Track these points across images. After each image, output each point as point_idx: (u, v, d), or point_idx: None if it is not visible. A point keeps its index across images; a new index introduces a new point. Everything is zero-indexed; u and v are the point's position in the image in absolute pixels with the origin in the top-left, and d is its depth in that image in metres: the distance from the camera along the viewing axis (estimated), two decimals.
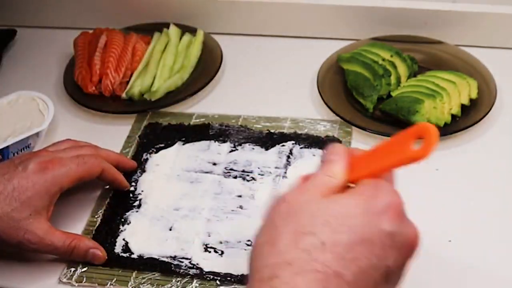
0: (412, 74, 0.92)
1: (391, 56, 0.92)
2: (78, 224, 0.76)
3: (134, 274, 0.70)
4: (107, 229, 0.75)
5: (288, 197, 0.49)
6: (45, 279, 0.71)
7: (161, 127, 0.89)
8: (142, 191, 0.80)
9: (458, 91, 0.86)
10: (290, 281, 0.44)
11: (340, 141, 0.84)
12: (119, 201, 0.78)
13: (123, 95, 0.93)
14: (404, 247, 0.48)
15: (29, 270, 0.72)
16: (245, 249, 0.72)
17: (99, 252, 0.71)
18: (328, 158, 0.53)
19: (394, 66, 0.91)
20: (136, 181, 0.81)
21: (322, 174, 0.51)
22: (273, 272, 0.45)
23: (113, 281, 0.70)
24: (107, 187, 0.80)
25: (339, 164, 0.52)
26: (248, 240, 0.72)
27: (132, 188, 0.80)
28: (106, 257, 0.72)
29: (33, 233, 0.68)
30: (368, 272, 0.45)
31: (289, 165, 0.81)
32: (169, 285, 0.69)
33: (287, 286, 0.44)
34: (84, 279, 0.70)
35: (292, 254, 0.45)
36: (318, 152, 0.83)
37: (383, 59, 0.92)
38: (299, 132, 0.86)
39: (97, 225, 0.76)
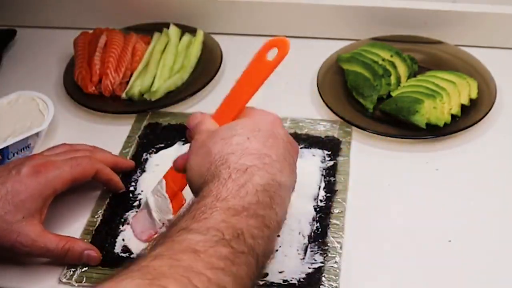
0: (412, 74, 0.92)
1: (391, 56, 0.92)
2: (77, 224, 0.76)
3: None
4: (107, 229, 0.75)
5: (197, 136, 0.63)
6: (45, 279, 0.71)
7: (161, 127, 0.89)
8: (142, 191, 0.80)
9: (458, 91, 0.86)
10: (238, 162, 0.56)
11: (340, 141, 0.84)
12: (119, 201, 0.78)
13: (123, 95, 0.93)
14: (294, 144, 0.63)
15: (29, 270, 0.72)
16: None
17: (94, 253, 0.71)
18: (194, 123, 0.66)
19: (394, 66, 0.91)
20: (136, 181, 0.81)
21: (200, 127, 0.65)
22: (221, 161, 0.57)
23: None
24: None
25: (207, 118, 0.66)
26: None
27: (132, 188, 0.80)
28: (101, 258, 0.71)
29: (26, 236, 0.68)
30: (283, 154, 0.59)
31: None
32: None
33: (237, 165, 0.56)
34: (84, 279, 0.70)
35: (229, 149, 0.58)
36: (318, 152, 0.83)
37: (383, 59, 0.92)
38: (299, 132, 0.86)
39: (97, 225, 0.76)
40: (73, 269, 0.71)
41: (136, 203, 0.78)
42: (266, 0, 1.02)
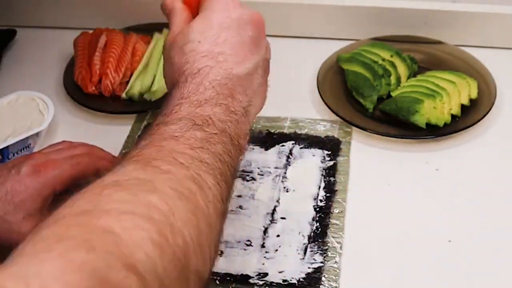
0: (412, 74, 0.92)
1: (391, 56, 0.92)
2: None
3: None
4: None
5: (167, 39, 0.66)
6: None
7: None
8: None
9: (458, 91, 0.86)
10: (192, 67, 0.60)
11: (340, 141, 0.84)
12: None
13: (123, 95, 0.93)
14: (252, 22, 0.63)
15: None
16: (245, 249, 0.72)
17: None
18: (167, 9, 0.71)
19: (394, 66, 0.91)
20: None
21: (171, 26, 0.67)
22: (178, 68, 0.61)
23: None
24: None
25: (176, 13, 0.68)
26: (248, 240, 0.72)
27: None
28: None
29: (26, 236, 0.67)
30: (238, 44, 0.62)
31: (289, 165, 0.81)
32: None
33: (190, 70, 0.60)
34: None
35: (183, 58, 0.61)
36: (318, 152, 0.83)
37: (383, 59, 0.92)
38: (299, 132, 0.86)
39: None
40: None
41: None
42: (267, 0, 1.01)
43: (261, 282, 0.68)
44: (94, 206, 0.45)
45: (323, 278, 0.68)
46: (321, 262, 0.70)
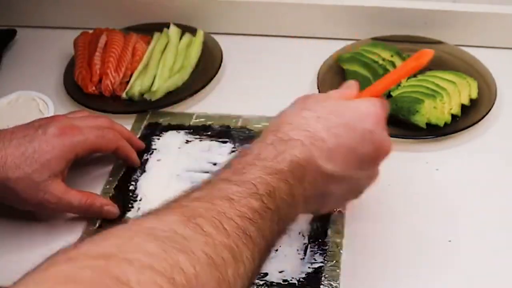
0: (412, 74, 0.92)
1: (391, 56, 0.92)
2: (78, 224, 0.76)
3: None
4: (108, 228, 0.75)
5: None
6: None
7: (161, 127, 0.89)
8: (142, 191, 0.80)
9: (458, 91, 0.86)
10: (287, 133, 0.59)
11: None
12: (119, 201, 0.78)
13: (123, 95, 0.93)
14: (378, 147, 0.62)
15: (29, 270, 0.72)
16: None
17: (113, 208, 0.75)
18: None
19: (394, 66, 0.91)
20: (136, 181, 0.81)
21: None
22: (278, 127, 0.60)
23: None
24: (108, 186, 0.80)
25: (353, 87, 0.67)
26: None
27: (132, 188, 0.80)
28: (119, 213, 0.75)
29: (52, 194, 0.71)
30: (345, 149, 0.60)
31: None
32: None
33: (284, 135, 0.59)
34: None
35: (293, 118, 0.61)
36: None
37: (383, 59, 0.92)
38: None
39: (97, 225, 0.76)
40: None
41: (136, 203, 0.78)
42: (266, 0, 1.02)
43: (261, 282, 0.68)
44: (118, 250, 0.43)
45: (323, 278, 0.68)
46: (321, 262, 0.70)
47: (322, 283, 0.68)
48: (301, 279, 0.68)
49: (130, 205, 0.78)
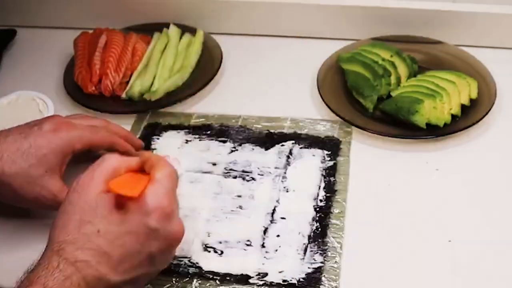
0: (412, 74, 0.92)
1: (391, 56, 0.92)
2: None
3: None
4: None
5: (79, 188, 0.61)
6: None
7: (161, 127, 0.89)
8: None
9: (458, 91, 0.86)
10: (72, 253, 0.57)
11: (340, 141, 0.84)
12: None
13: (123, 95, 0.93)
14: (167, 239, 0.61)
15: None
16: (245, 249, 0.72)
17: None
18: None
19: (394, 66, 0.91)
20: None
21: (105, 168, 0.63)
22: (61, 246, 0.58)
23: None
24: None
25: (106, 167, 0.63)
26: (248, 240, 0.72)
27: None
28: None
29: (48, 190, 0.71)
30: (133, 255, 0.59)
31: (289, 165, 0.81)
32: (169, 285, 0.69)
33: (70, 256, 0.57)
34: None
35: (75, 236, 0.58)
36: (317, 152, 0.82)
37: (383, 59, 0.92)
38: (299, 132, 0.86)
39: None
40: None
41: None
42: (266, 0, 1.02)
43: (261, 282, 0.68)
44: None
45: (323, 278, 0.68)
46: (321, 262, 0.70)
47: (322, 283, 0.68)
48: (300, 279, 0.68)
49: None
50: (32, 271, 0.57)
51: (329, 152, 0.82)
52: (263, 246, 0.72)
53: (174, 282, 0.69)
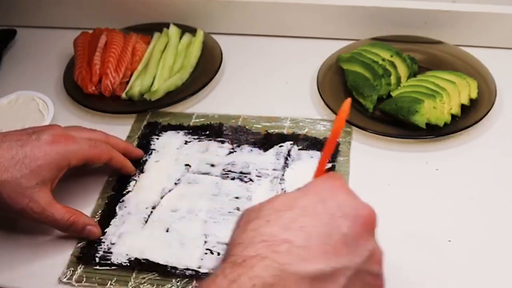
0: (412, 74, 0.92)
1: (391, 56, 0.92)
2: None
3: (134, 274, 0.70)
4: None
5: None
6: (45, 279, 0.71)
7: (160, 126, 0.89)
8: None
9: (458, 91, 0.86)
10: (239, 254, 0.48)
11: (338, 143, 0.84)
12: (117, 202, 0.78)
13: (123, 95, 0.93)
14: (355, 218, 0.51)
15: (29, 270, 0.72)
16: None
17: (95, 229, 0.73)
18: None
19: (394, 66, 0.91)
20: (135, 181, 0.81)
21: None
22: (227, 254, 0.50)
23: (113, 281, 0.70)
24: (107, 186, 0.80)
25: None
26: None
27: (130, 189, 0.80)
28: (101, 234, 0.74)
29: (36, 203, 0.69)
30: (319, 238, 0.49)
31: (287, 167, 0.81)
32: (169, 285, 0.69)
33: (236, 258, 0.48)
34: (84, 279, 0.70)
35: (241, 236, 0.50)
36: (316, 154, 0.82)
37: (383, 59, 0.92)
38: (298, 132, 0.85)
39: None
40: (73, 269, 0.71)
41: None
42: (266, 0, 1.02)
43: None
44: None
45: None
46: None
47: None
48: None
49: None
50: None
51: None
52: None
53: (174, 282, 0.69)
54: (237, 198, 0.77)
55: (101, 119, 0.91)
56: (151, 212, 0.77)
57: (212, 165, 0.82)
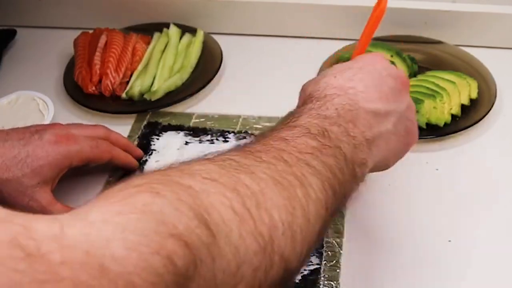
0: (412, 74, 0.92)
1: (391, 56, 0.92)
2: None
3: None
4: None
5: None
6: None
7: (161, 126, 0.89)
8: None
9: (458, 91, 0.86)
10: (319, 94, 0.59)
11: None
12: None
13: (123, 95, 0.93)
14: (397, 78, 0.63)
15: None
16: None
17: None
18: None
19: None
20: None
21: None
22: (305, 98, 0.60)
23: None
24: (107, 186, 0.80)
25: None
26: None
27: None
28: None
29: (37, 202, 0.70)
30: (374, 88, 0.60)
31: None
32: None
33: (318, 95, 0.59)
34: None
35: (314, 87, 0.61)
36: None
37: None
38: None
39: None
40: None
41: None
42: (266, 0, 1.01)
43: None
44: (179, 171, 0.44)
45: (320, 280, 0.68)
46: (317, 264, 0.69)
47: (319, 284, 0.67)
48: (296, 281, 0.68)
49: None
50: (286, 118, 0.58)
51: None
52: None
53: None
54: None
55: (101, 119, 0.91)
56: None
57: None
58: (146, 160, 0.84)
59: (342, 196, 0.54)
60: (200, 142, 0.85)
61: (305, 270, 0.69)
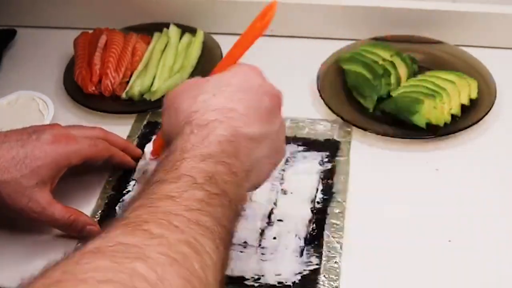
0: (412, 74, 0.92)
1: (391, 56, 0.92)
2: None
3: None
4: None
5: (167, 95, 0.64)
6: None
7: (161, 127, 0.88)
8: None
9: (458, 91, 0.86)
10: (201, 118, 0.58)
11: (338, 143, 0.84)
12: (116, 203, 0.78)
13: (123, 95, 0.93)
14: (272, 96, 0.63)
15: (29, 269, 0.72)
16: (241, 251, 0.71)
17: (95, 228, 0.73)
18: None
19: (394, 66, 0.91)
20: (135, 181, 0.81)
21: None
22: (188, 119, 0.59)
23: None
24: (107, 186, 0.80)
25: None
26: (244, 242, 0.72)
27: (130, 189, 0.80)
28: None
29: (36, 202, 0.70)
30: (253, 109, 0.60)
31: (287, 168, 0.81)
32: None
33: (199, 121, 0.58)
34: None
35: (194, 107, 0.59)
36: (316, 155, 0.82)
37: (383, 59, 0.92)
38: (298, 133, 0.85)
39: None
40: None
41: None
42: (266, 0, 1.01)
43: (257, 284, 0.68)
44: (69, 275, 0.41)
45: (320, 280, 0.68)
46: (317, 264, 0.69)
47: (319, 285, 0.67)
48: (296, 281, 0.68)
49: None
50: (169, 146, 0.57)
51: (328, 154, 0.82)
52: (259, 248, 0.72)
53: None
54: None
55: (101, 119, 0.91)
56: None
57: None
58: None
59: (230, 242, 0.53)
60: None
61: (305, 270, 0.69)
